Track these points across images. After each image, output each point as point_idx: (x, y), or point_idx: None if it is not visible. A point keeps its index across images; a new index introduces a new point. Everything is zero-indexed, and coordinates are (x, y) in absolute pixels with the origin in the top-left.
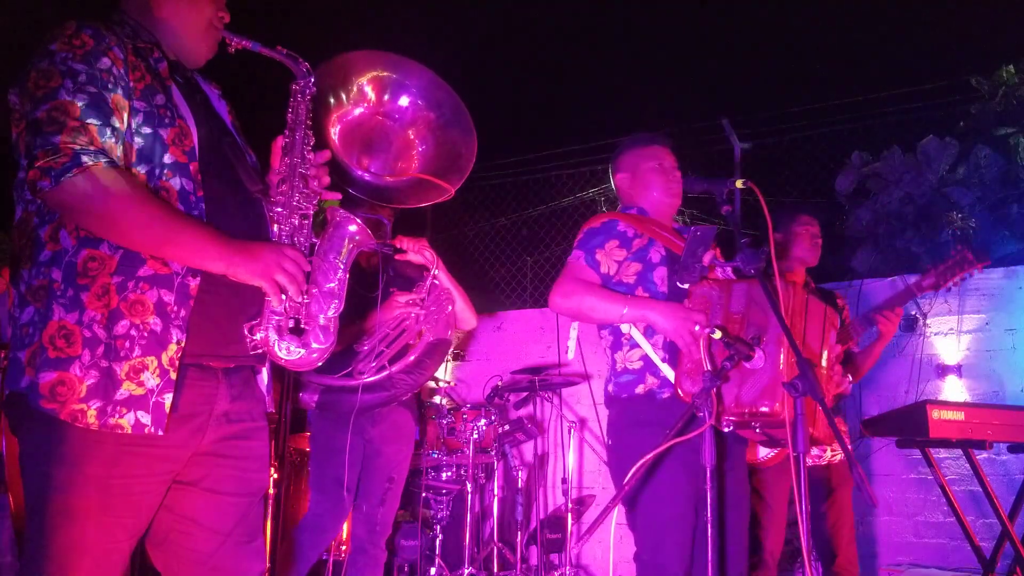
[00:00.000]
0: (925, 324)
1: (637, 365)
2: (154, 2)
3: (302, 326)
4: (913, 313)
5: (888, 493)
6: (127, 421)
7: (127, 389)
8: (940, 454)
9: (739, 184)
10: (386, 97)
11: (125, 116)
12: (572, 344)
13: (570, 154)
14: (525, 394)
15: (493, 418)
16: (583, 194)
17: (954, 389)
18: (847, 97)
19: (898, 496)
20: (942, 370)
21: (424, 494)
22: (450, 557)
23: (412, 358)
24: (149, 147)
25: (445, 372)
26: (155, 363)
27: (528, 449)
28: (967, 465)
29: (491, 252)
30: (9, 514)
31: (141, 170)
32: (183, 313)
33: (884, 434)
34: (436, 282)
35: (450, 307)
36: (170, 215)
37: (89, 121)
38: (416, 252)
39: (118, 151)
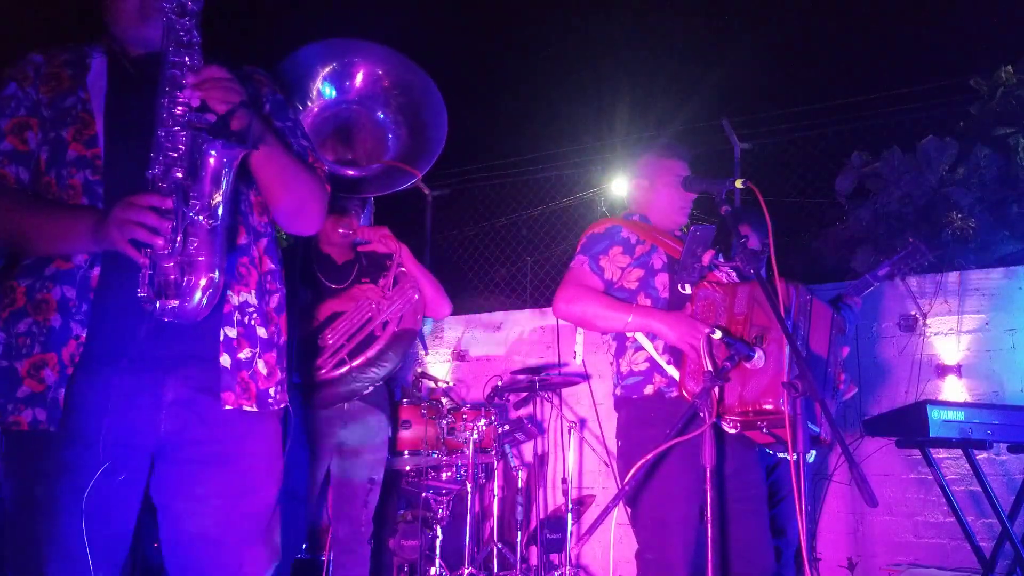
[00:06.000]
0: (925, 324)
1: (643, 367)
2: (101, 5)
3: (174, 277)
4: (913, 313)
5: (888, 493)
6: (25, 418)
7: (28, 387)
8: (940, 454)
9: (739, 184)
10: (347, 84)
11: (28, 133)
12: (579, 349)
13: (569, 155)
14: (525, 394)
15: (493, 418)
16: (582, 195)
17: (954, 389)
18: (847, 97)
19: (898, 496)
20: (942, 370)
21: (424, 494)
22: (450, 557)
23: (373, 351)
24: (54, 151)
25: (445, 372)
26: (55, 359)
27: (528, 449)
28: (967, 465)
29: (491, 252)
30: None
31: (51, 176)
32: (84, 307)
33: (884, 434)
34: (402, 270)
35: (416, 296)
36: (20, 210)
37: None
38: (379, 241)
39: (12, 169)
